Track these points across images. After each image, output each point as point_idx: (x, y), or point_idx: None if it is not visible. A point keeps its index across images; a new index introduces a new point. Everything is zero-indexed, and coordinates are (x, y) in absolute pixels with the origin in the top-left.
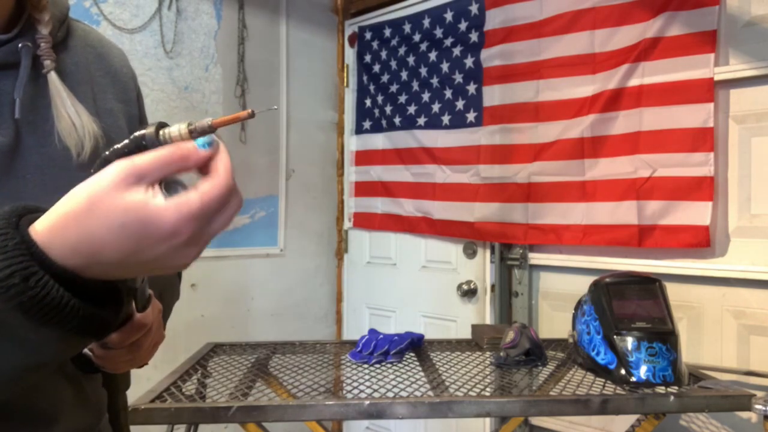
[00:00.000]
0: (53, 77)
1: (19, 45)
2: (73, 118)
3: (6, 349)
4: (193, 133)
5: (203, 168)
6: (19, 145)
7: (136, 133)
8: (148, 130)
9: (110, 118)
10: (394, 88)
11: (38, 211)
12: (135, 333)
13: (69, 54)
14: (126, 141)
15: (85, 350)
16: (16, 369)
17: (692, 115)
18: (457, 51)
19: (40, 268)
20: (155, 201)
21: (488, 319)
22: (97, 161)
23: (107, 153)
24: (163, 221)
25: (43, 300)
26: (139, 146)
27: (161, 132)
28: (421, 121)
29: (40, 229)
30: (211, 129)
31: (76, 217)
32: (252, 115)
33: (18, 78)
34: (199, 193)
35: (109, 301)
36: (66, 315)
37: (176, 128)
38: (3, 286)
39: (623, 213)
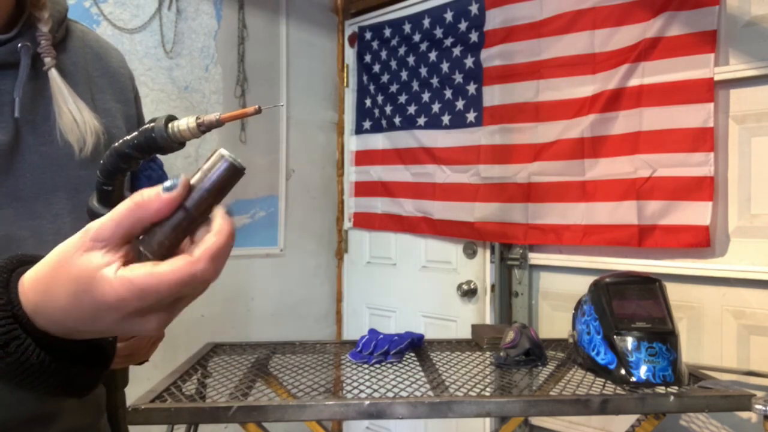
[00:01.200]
0: (54, 74)
1: (19, 45)
2: (74, 114)
3: None
4: (201, 127)
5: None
6: (19, 144)
7: (146, 126)
8: (157, 123)
9: (108, 117)
10: (394, 88)
11: (33, 261)
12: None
13: (67, 54)
14: (135, 133)
15: None
16: None
17: (692, 115)
18: (457, 51)
19: (22, 332)
20: (104, 271)
21: (488, 319)
22: (106, 153)
23: (117, 144)
24: (105, 293)
25: (22, 365)
26: (147, 138)
27: (170, 125)
28: (421, 121)
29: (27, 285)
30: (219, 123)
31: (45, 281)
32: (259, 111)
33: (18, 77)
34: (153, 272)
35: (94, 358)
36: (44, 379)
37: (185, 122)
38: None
39: (623, 213)
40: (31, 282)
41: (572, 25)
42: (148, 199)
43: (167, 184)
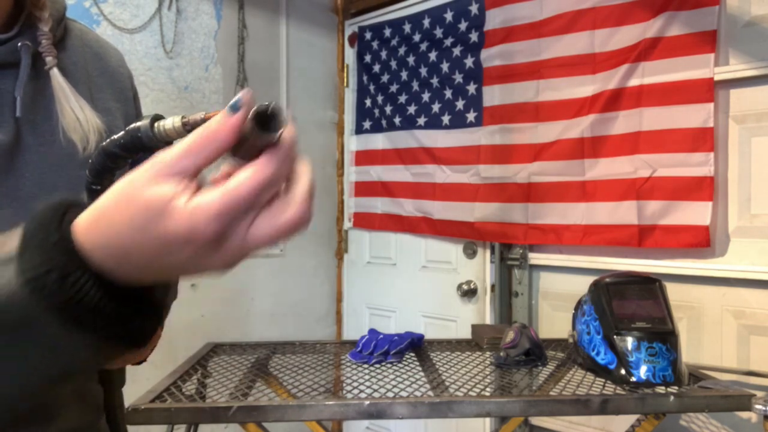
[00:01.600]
0: (56, 73)
1: (19, 44)
2: (77, 112)
3: (33, 355)
4: (186, 126)
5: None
6: (19, 144)
7: (132, 126)
8: (143, 123)
9: (108, 116)
10: (394, 88)
11: (82, 206)
12: None
13: (67, 53)
14: (122, 133)
15: None
16: (41, 378)
17: (692, 115)
18: (457, 51)
19: (77, 268)
20: (176, 201)
21: (488, 319)
22: (95, 152)
23: (104, 144)
24: (177, 224)
25: (79, 302)
26: (133, 138)
27: (156, 125)
28: (421, 121)
29: (80, 226)
30: (204, 122)
31: (108, 214)
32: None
33: (18, 77)
34: (226, 191)
35: (145, 310)
36: (101, 320)
37: (170, 121)
38: (39, 285)
39: (623, 213)
40: (88, 221)
41: (572, 25)
42: (215, 128)
43: (232, 102)
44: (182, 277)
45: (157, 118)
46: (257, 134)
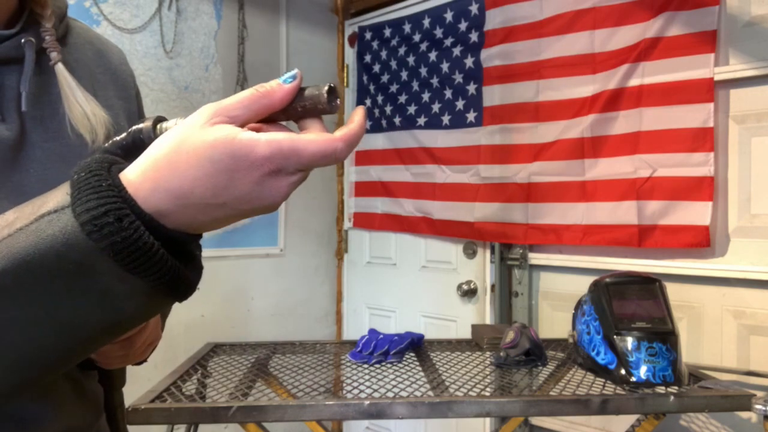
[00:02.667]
0: (61, 68)
1: (22, 40)
2: (84, 106)
3: (88, 302)
4: None
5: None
6: (25, 139)
7: (134, 127)
8: (146, 124)
9: (111, 114)
10: (394, 88)
11: (123, 164)
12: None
13: (69, 51)
14: (124, 134)
15: None
16: (93, 327)
17: (692, 115)
18: (457, 51)
19: (132, 211)
20: (243, 134)
21: (488, 319)
22: (95, 152)
23: (106, 145)
24: (252, 150)
25: (135, 243)
26: (135, 140)
27: (158, 126)
28: (421, 121)
29: (131, 174)
30: None
31: (167, 157)
32: None
33: (23, 72)
34: (298, 139)
35: (191, 261)
36: (154, 263)
37: (173, 122)
38: (97, 225)
39: (623, 213)
40: (141, 168)
41: (572, 25)
42: (271, 89)
43: (288, 74)
44: (235, 216)
45: (160, 119)
46: (325, 101)
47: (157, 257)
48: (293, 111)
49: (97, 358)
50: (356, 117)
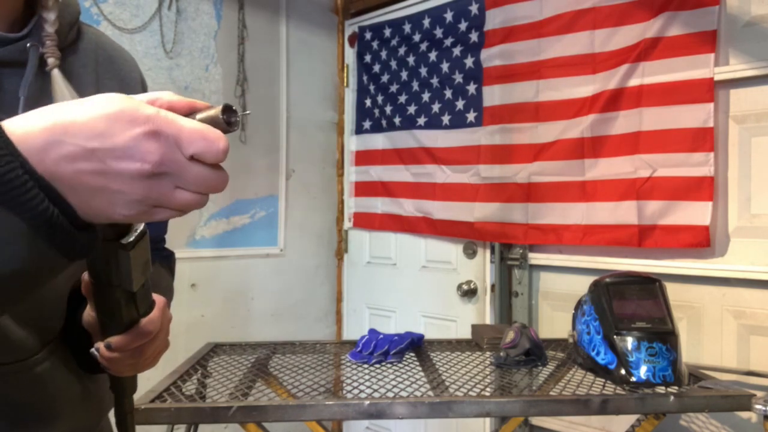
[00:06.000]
0: (56, 74)
1: (28, 44)
2: None
3: None
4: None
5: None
6: None
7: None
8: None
9: None
10: (394, 88)
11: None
12: (139, 339)
13: (78, 56)
14: None
15: (92, 350)
16: None
17: (692, 115)
18: (457, 51)
19: (5, 148)
20: (139, 97)
21: (488, 319)
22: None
23: None
24: (140, 107)
25: (5, 175)
26: None
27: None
28: (421, 121)
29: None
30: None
31: (59, 105)
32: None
33: (24, 76)
34: (181, 116)
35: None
36: (28, 200)
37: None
38: None
39: (623, 213)
40: (21, 118)
41: (572, 25)
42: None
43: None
44: (101, 175)
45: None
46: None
47: (31, 194)
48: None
49: (109, 365)
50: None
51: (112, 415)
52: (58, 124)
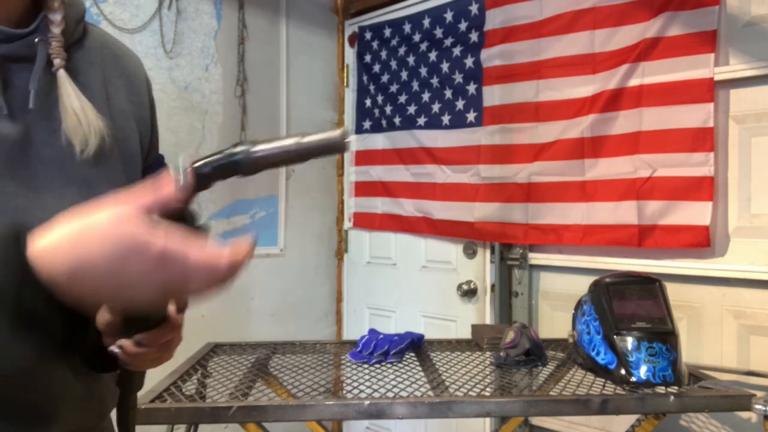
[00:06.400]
0: (62, 74)
1: (36, 39)
2: (79, 115)
3: None
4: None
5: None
6: (33, 137)
7: (228, 149)
8: (242, 148)
9: (122, 119)
10: (394, 88)
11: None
12: (169, 333)
13: (84, 53)
14: (217, 155)
15: (113, 347)
16: None
17: (692, 115)
18: (457, 51)
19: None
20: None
21: (488, 319)
22: (182, 167)
23: (198, 164)
24: (149, 240)
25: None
26: (230, 161)
27: (253, 147)
28: (421, 121)
29: (37, 245)
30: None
31: (71, 236)
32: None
33: (33, 70)
34: (183, 239)
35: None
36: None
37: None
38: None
39: (623, 213)
40: (41, 242)
41: (572, 25)
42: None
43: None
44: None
45: (254, 143)
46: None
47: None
48: (306, 153)
49: (133, 361)
50: (245, 245)
51: (112, 415)
52: (81, 266)
